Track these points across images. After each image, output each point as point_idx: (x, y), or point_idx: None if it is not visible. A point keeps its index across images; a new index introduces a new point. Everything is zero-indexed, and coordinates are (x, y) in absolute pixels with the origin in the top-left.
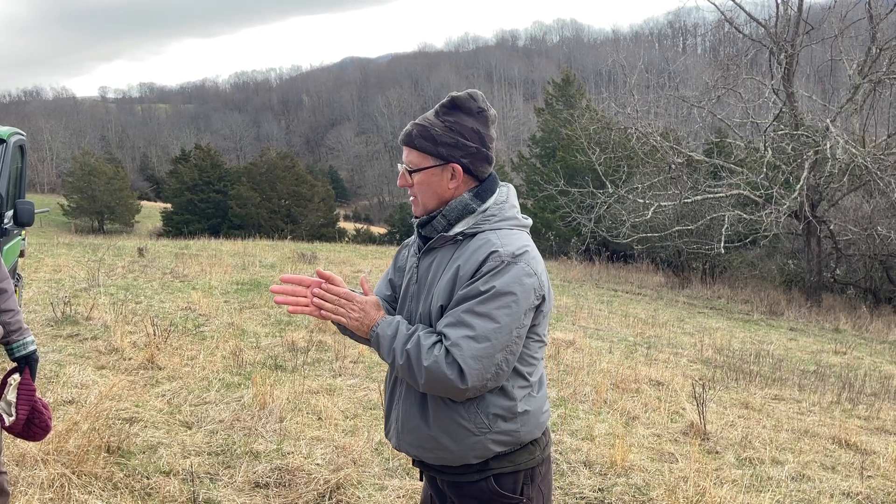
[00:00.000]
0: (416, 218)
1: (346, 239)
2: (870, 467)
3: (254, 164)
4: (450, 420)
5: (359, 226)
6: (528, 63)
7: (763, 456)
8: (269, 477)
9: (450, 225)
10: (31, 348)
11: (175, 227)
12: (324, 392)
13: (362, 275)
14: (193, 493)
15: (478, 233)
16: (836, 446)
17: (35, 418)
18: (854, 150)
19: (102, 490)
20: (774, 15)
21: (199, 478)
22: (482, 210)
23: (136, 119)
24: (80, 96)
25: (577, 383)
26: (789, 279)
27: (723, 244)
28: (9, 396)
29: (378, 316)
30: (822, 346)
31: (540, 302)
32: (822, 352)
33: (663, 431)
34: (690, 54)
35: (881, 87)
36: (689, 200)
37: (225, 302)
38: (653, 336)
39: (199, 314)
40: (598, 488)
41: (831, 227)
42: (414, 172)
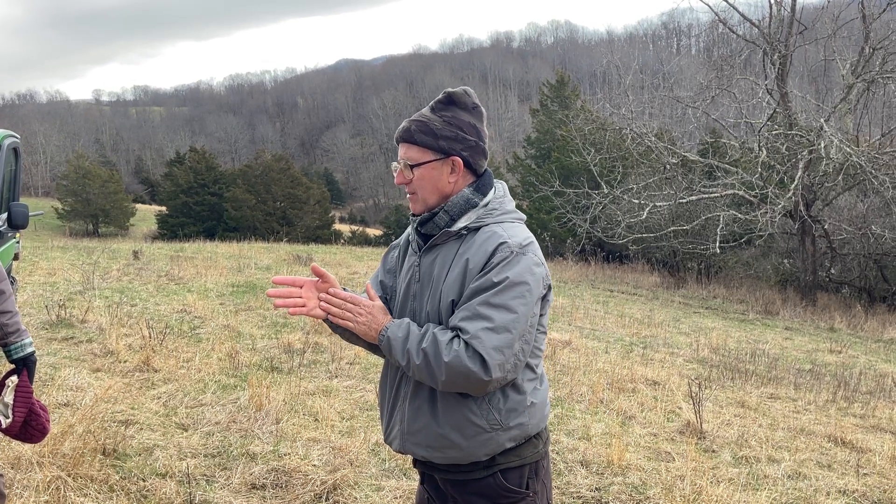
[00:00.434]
0: (415, 216)
1: (342, 241)
2: (865, 465)
3: (249, 166)
4: (461, 417)
5: (354, 228)
6: (522, 64)
7: (759, 454)
8: (266, 478)
9: (452, 220)
10: (29, 350)
11: (170, 229)
12: (320, 393)
13: (367, 282)
14: (190, 495)
15: (482, 226)
16: (832, 444)
17: (32, 420)
18: (848, 150)
19: (98, 493)
20: (768, 15)
21: (195, 480)
22: (484, 204)
23: (130, 122)
24: (74, 99)
25: (574, 383)
26: (784, 279)
27: (718, 244)
28: (6, 398)
29: (386, 320)
30: (818, 345)
31: (546, 291)
32: (817, 350)
33: (660, 431)
34: (685, 55)
35: (874, 87)
36: (685, 201)
37: (220, 304)
38: (649, 336)
39: (195, 316)
40: (595, 487)
41: (826, 227)
42: (414, 167)
